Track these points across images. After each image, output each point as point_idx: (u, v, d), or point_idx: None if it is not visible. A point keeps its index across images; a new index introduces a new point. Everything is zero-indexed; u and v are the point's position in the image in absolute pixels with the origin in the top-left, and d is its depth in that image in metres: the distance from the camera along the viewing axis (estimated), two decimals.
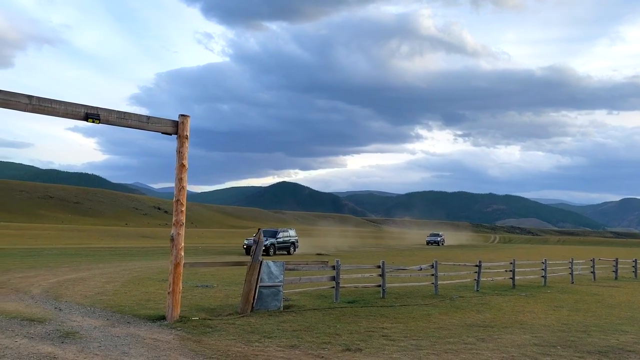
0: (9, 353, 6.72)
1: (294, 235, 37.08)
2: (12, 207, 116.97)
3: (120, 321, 9.26)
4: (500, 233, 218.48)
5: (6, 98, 7.85)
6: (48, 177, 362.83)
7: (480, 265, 16.10)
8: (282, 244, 34.91)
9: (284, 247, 35.27)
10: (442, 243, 70.17)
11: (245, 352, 7.27)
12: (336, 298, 12.19)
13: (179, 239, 9.66)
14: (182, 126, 9.77)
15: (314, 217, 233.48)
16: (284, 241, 35.37)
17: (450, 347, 7.93)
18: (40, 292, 12.68)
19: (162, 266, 22.22)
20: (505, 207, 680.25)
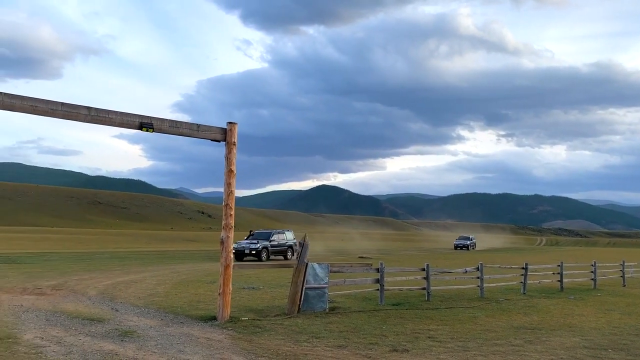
0: (75, 350, 7.15)
1: (291, 238, 33.06)
2: (63, 212, 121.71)
3: (173, 321, 9.66)
4: (547, 235, 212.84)
5: (68, 110, 8.35)
6: (96, 183, 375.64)
7: (526, 267, 15.88)
8: (276, 247, 31.14)
9: (279, 252, 31.44)
10: (473, 247, 64.68)
11: (294, 352, 7.49)
12: (381, 300, 12.30)
13: (228, 241, 10.00)
14: (230, 133, 10.11)
15: (351, 219, 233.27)
16: (279, 244, 31.52)
17: (497, 349, 7.94)
18: (96, 294, 13.29)
19: (208, 269, 22.81)
20: (551, 208, 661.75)
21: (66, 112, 8.33)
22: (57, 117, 8.27)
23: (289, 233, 33.60)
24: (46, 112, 8.15)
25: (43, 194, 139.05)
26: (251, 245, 29.34)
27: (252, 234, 32.39)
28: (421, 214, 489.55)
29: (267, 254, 29.94)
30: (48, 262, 25.26)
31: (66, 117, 8.35)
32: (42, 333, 8.19)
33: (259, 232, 32.64)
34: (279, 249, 31.38)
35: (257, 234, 31.93)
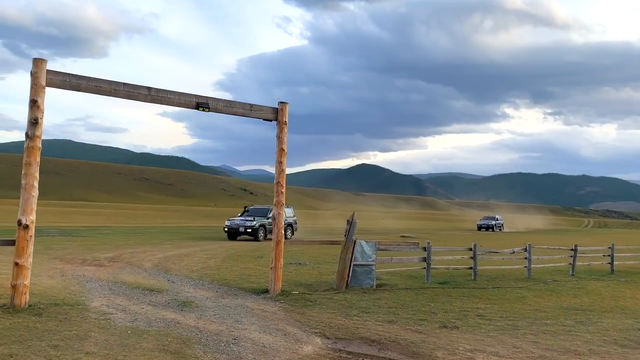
0: (139, 317, 7.60)
1: (291, 214, 29.56)
2: (111, 188, 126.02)
3: (227, 293, 10.08)
4: (594, 217, 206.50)
5: (130, 90, 8.72)
6: (142, 160, 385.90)
7: (576, 249, 15.63)
8: None
9: None
10: (501, 228, 58.59)
11: (346, 325, 7.74)
12: (427, 278, 12.41)
13: (279, 218, 10.30)
14: (282, 113, 10.32)
15: (391, 199, 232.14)
16: None
17: (547, 329, 7.97)
18: (151, 266, 13.91)
19: (254, 244, 23.40)
20: (600, 189, 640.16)
21: (128, 92, 8.70)
22: (119, 96, 8.65)
23: (289, 209, 29.10)
24: (109, 92, 8.53)
25: (93, 170, 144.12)
26: (246, 222, 26.27)
27: (246, 210, 29.24)
28: (464, 193, 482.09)
29: (265, 232, 26.48)
30: (102, 236, 26.45)
31: (128, 97, 8.73)
32: (107, 301, 8.71)
33: (255, 208, 29.28)
34: None
35: (253, 210, 28.69)
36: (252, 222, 26.11)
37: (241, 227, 26.17)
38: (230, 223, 26.76)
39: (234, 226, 26.37)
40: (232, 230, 26.35)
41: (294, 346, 6.48)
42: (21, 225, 7.73)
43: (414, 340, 7.00)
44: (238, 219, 27.29)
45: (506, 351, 6.63)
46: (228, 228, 26.66)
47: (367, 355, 6.26)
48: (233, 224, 26.52)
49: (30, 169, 7.81)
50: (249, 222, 26.18)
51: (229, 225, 26.69)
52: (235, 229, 26.31)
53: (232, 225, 26.54)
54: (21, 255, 7.73)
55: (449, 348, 6.66)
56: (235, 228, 26.29)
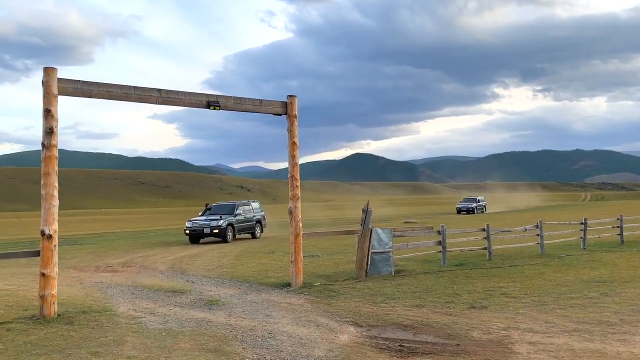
0: (170, 319, 7.62)
1: (258, 210, 26.40)
2: (109, 194, 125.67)
3: (250, 289, 10.11)
4: (591, 190, 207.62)
5: (141, 93, 8.69)
6: (135, 164, 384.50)
7: (585, 222, 15.75)
8: (243, 223, 24.27)
9: (247, 228, 24.63)
10: (483, 210, 54.34)
11: (376, 312, 7.79)
12: (443, 262, 12.48)
13: (296, 211, 10.32)
14: (291, 106, 10.31)
15: (388, 186, 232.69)
16: (246, 219, 24.59)
17: (574, 302, 8.05)
18: (166, 268, 13.93)
19: (261, 241, 23.41)
20: (594, 162, 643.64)
21: (139, 96, 8.66)
22: (131, 100, 8.62)
23: (255, 204, 26.71)
24: (121, 96, 8.49)
25: (88, 177, 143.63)
26: (211, 222, 22.48)
27: (208, 208, 25.25)
28: (459, 176, 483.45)
29: (233, 232, 23.18)
30: (108, 242, 26.40)
31: (139, 100, 8.70)
32: (133, 305, 8.73)
33: (218, 206, 25.61)
34: (246, 225, 24.62)
35: (216, 208, 24.99)
36: (218, 221, 22.45)
37: (206, 227, 22.39)
38: (192, 224, 22.83)
39: (197, 227, 22.57)
40: (195, 232, 22.52)
41: (330, 336, 6.52)
42: (44, 235, 7.72)
43: (446, 322, 7.06)
44: (201, 218, 23.34)
45: (539, 327, 6.69)
46: (190, 230, 22.65)
47: (404, 340, 6.31)
48: (196, 225, 22.66)
49: (49, 179, 7.78)
50: (215, 221, 22.53)
51: (191, 227, 22.68)
52: (198, 231, 22.50)
53: (194, 227, 22.64)
54: (47, 266, 7.72)
55: (483, 328, 6.72)
56: (199, 229, 22.47)
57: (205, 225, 22.48)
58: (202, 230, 22.42)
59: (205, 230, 22.35)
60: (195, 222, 22.99)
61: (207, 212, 24.59)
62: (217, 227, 22.36)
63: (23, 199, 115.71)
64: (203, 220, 22.98)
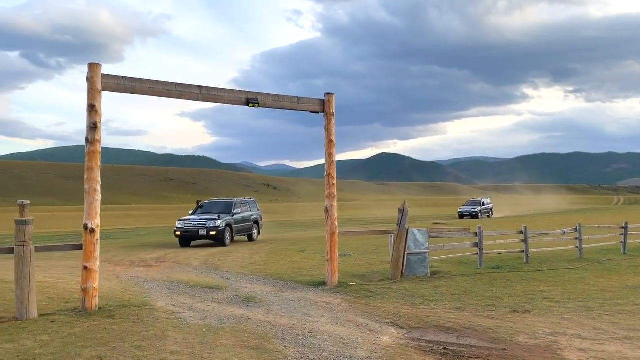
0: (209, 315, 7.63)
1: (256, 209, 23.27)
2: (139, 190, 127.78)
3: (285, 287, 10.09)
4: (624, 194, 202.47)
5: (182, 90, 8.73)
6: (164, 161, 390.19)
7: (626, 227, 15.30)
8: (241, 224, 21.20)
9: (245, 229, 21.60)
10: (489, 214, 49.37)
11: (416, 314, 7.67)
12: (480, 264, 12.25)
13: (332, 210, 10.25)
14: (329, 104, 10.25)
15: (415, 186, 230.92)
16: (244, 219, 21.50)
17: (622, 309, 7.80)
18: (199, 264, 14.02)
19: (291, 238, 23.48)
20: (627, 165, 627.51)
21: (180, 92, 8.71)
22: (172, 97, 8.67)
23: (253, 203, 23.45)
24: (162, 92, 8.55)
25: (118, 173, 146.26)
26: (208, 222, 19.32)
27: (200, 205, 22.03)
28: (487, 177, 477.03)
29: (232, 234, 20.12)
30: (139, 237, 26.83)
31: (180, 97, 8.75)
32: (171, 300, 8.78)
33: (212, 203, 22.48)
34: (245, 226, 21.59)
35: (210, 206, 21.79)
36: (215, 221, 19.28)
37: (201, 229, 19.28)
38: (184, 224, 19.67)
39: (190, 228, 19.47)
40: (188, 234, 19.47)
41: (372, 337, 6.44)
42: (87, 229, 7.82)
43: (489, 326, 6.90)
44: (194, 218, 20.15)
45: (588, 333, 6.49)
46: (181, 231, 19.51)
47: (448, 343, 6.18)
48: (189, 225, 19.56)
49: (92, 174, 7.87)
50: (212, 221, 19.33)
51: (182, 228, 19.56)
52: (192, 232, 19.39)
53: (186, 228, 19.53)
54: (89, 259, 7.82)
55: (528, 332, 6.55)
56: (193, 230, 19.36)
57: (200, 226, 19.34)
58: (196, 232, 19.34)
59: (201, 231, 19.27)
60: (188, 222, 19.75)
61: (199, 209, 21.47)
62: (214, 228, 19.17)
63: (56, 194, 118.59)
64: (197, 219, 19.74)
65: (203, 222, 19.48)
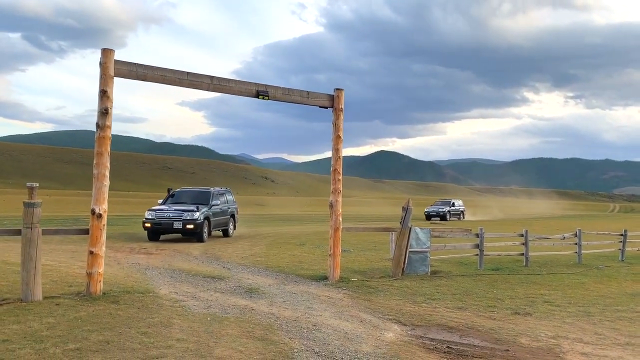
0: (213, 304, 7.67)
1: (232, 201, 20.92)
2: (136, 177, 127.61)
3: (287, 280, 10.13)
4: (619, 202, 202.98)
5: (193, 79, 8.74)
6: (162, 149, 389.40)
7: (625, 234, 15.39)
8: (219, 217, 18.87)
9: (221, 224, 19.15)
10: (460, 217, 45.43)
11: (418, 312, 7.72)
12: (480, 265, 12.32)
13: (337, 205, 10.29)
14: (338, 99, 10.27)
15: (412, 185, 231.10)
16: (222, 212, 19.19)
17: (621, 315, 7.87)
18: (199, 254, 14.05)
19: (290, 232, 23.50)
20: (624, 173, 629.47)
21: (191, 81, 8.72)
22: (183, 86, 8.67)
23: (230, 194, 21.11)
24: (174, 81, 8.56)
25: (117, 159, 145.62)
26: (185, 214, 16.86)
27: (172, 194, 19.51)
28: (484, 179, 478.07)
29: (209, 228, 17.81)
30: (138, 224, 26.76)
31: (191, 86, 8.75)
32: (174, 289, 8.82)
33: (185, 192, 19.87)
34: (222, 220, 19.16)
35: (183, 195, 19.33)
36: (193, 213, 16.89)
37: (176, 220, 16.82)
38: (155, 214, 17.10)
39: (163, 220, 17.00)
40: (160, 226, 17.01)
41: (375, 333, 6.49)
42: (94, 214, 7.84)
43: (492, 327, 6.96)
44: (167, 208, 17.57)
45: (589, 338, 6.55)
46: (152, 223, 16.98)
47: (451, 342, 6.24)
48: (162, 216, 17.07)
49: (102, 159, 7.89)
50: (189, 213, 16.90)
51: (153, 219, 17.01)
52: (165, 224, 16.94)
53: (158, 219, 17.01)
54: (95, 244, 7.85)
55: (530, 335, 6.61)
56: (167, 223, 16.91)
57: (175, 218, 16.87)
58: (170, 224, 16.83)
59: (176, 224, 16.76)
60: (160, 212, 17.19)
61: (171, 198, 19.04)
62: (191, 221, 16.74)
63: (54, 178, 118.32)
64: (172, 210, 17.20)
65: (178, 213, 16.94)
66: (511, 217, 55.25)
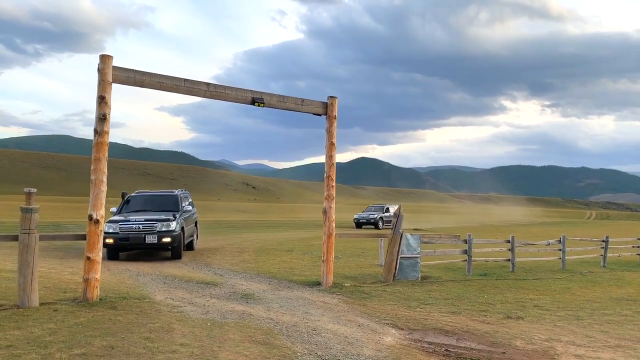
0: (211, 310, 7.71)
1: (192, 205, 17.13)
2: (116, 183, 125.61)
3: (280, 286, 10.20)
4: (595, 209, 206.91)
5: (190, 86, 8.80)
6: (141, 155, 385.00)
7: (607, 240, 15.79)
8: (188, 224, 15.36)
9: (189, 234, 15.75)
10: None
11: (413, 316, 7.86)
12: (468, 271, 12.54)
13: (330, 212, 10.41)
14: (331, 107, 10.41)
15: (394, 192, 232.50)
16: (188, 220, 15.57)
17: (609, 319, 8.11)
18: (189, 260, 14.02)
19: (275, 238, 23.51)
20: (599, 181, 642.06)
21: (188, 88, 8.77)
22: (180, 92, 8.73)
23: (189, 198, 17.07)
24: (171, 87, 8.60)
25: None
26: (158, 225, 13.40)
27: (127, 200, 15.65)
28: (463, 186, 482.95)
29: (182, 241, 14.16)
30: None
31: (188, 93, 8.81)
32: (169, 294, 8.82)
33: (143, 196, 15.98)
34: (190, 229, 15.74)
35: (141, 201, 15.51)
36: (169, 222, 13.50)
37: (149, 234, 13.25)
38: (119, 227, 13.25)
39: (132, 232, 13.27)
40: (127, 240, 13.24)
41: (374, 337, 6.60)
42: (92, 220, 7.83)
43: (487, 330, 7.13)
44: (134, 218, 13.71)
45: (581, 340, 6.76)
46: (114, 238, 13.09)
47: (449, 346, 6.38)
48: (127, 229, 13.27)
49: (100, 165, 7.89)
50: (164, 223, 13.45)
51: (116, 233, 13.15)
52: (134, 238, 13.24)
53: (124, 232, 13.21)
54: (92, 250, 7.83)
55: (525, 338, 6.79)
56: (136, 236, 13.24)
57: (147, 230, 13.28)
58: (141, 238, 13.21)
59: (149, 238, 13.20)
60: (126, 224, 13.35)
61: (126, 205, 15.25)
62: (168, 233, 13.34)
63: (30, 183, 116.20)
64: (142, 221, 13.48)
65: (151, 224, 13.37)
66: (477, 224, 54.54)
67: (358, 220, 38.16)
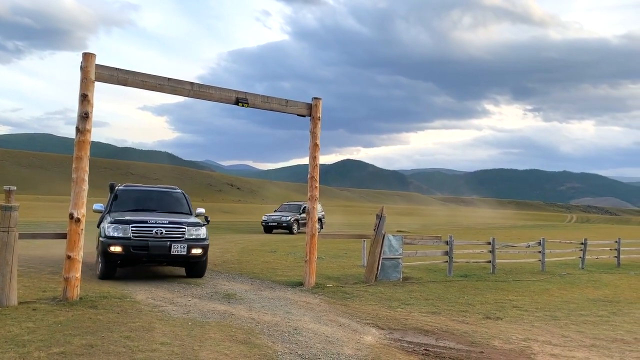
0: (192, 309, 7.70)
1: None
2: (99, 183, 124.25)
3: (263, 286, 10.21)
4: (576, 212, 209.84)
5: (174, 85, 8.79)
6: (124, 154, 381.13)
7: (585, 243, 16.06)
8: None
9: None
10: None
11: (394, 316, 7.94)
12: (449, 272, 12.66)
13: (313, 212, 10.45)
14: (315, 108, 10.46)
15: (377, 194, 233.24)
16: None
17: (586, 319, 8.27)
18: None
19: (259, 239, 23.48)
20: (580, 185, 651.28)
21: (172, 87, 8.76)
22: (164, 92, 8.71)
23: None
24: (155, 87, 8.58)
25: None
26: (188, 230, 10.13)
27: (116, 191, 11.88)
28: (447, 189, 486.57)
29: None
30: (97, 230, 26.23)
31: (172, 92, 8.80)
32: (151, 294, 8.78)
33: (137, 191, 12.19)
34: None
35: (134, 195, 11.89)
36: (199, 227, 10.46)
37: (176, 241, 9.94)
38: (130, 230, 9.80)
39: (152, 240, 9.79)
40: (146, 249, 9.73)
41: (355, 336, 6.65)
42: (73, 218, 7.79)
43: (466, 330, 7.23)
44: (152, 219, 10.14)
45: (557, 340, 6.89)
46: (124, 246, 9.69)
47: (428, 345, 6.46)
48: (145, 234, 9.81)
49: (81, 163, 7.84)
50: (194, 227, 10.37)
51: (127, 238, 9.75)
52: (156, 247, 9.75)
53: (139, 238, 9.74)
54: (73, 249, 7.79)
55: (503, 338, 6.90)
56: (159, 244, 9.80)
57: (172, 237, 9.97)
58: (166, 248, 9.78)
59: (175, 248, 9.87)
60: (139, 227, 9.89)
61: (114, 203, 11.47)
62: (199, 242, 10.23)
63: (10, 182, 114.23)
64: (165, 223, 10.10)
65: (175, 228, 10.07)
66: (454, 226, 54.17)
67: (267, 223, 29.60)
